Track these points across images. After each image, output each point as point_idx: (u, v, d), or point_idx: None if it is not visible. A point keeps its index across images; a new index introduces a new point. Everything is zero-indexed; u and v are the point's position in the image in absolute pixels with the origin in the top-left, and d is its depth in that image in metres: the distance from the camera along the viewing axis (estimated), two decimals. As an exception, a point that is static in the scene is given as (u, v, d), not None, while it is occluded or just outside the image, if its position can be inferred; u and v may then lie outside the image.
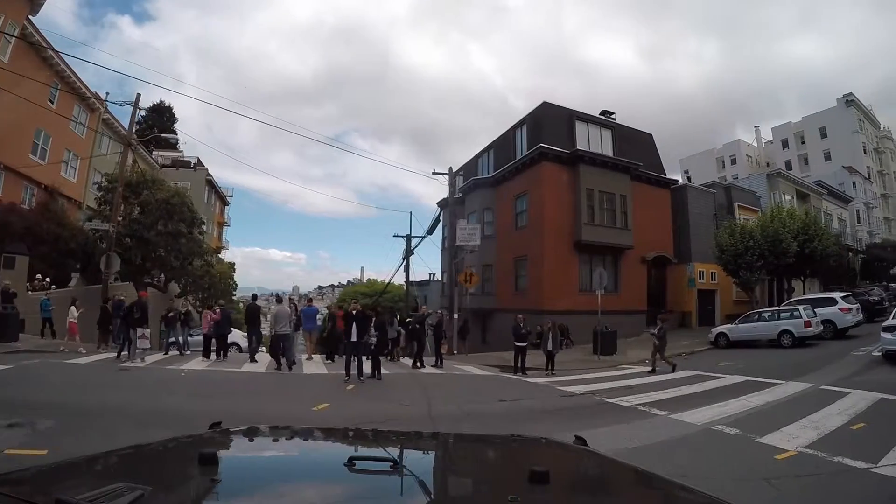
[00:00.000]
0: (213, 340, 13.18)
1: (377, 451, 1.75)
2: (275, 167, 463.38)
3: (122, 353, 11.84)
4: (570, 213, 19.95)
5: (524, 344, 12.54)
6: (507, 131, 23.45)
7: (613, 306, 18.42)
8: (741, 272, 21.97)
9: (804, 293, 25.94)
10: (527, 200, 21.02)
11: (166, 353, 13.62)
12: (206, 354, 12.96)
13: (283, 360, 11.38)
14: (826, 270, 26.28)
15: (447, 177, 18.39)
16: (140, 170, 22.31)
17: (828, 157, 52.50)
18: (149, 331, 12.24)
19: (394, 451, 1.73)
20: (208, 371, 11.25)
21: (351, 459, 1.29)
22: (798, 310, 17.50)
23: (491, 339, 22.33)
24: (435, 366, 13.56)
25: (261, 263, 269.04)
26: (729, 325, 19.10)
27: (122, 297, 16.26)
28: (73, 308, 14.92)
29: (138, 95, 18.19)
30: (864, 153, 51.69)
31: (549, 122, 20.99)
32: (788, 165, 49.73)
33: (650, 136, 24.76)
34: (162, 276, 23.25)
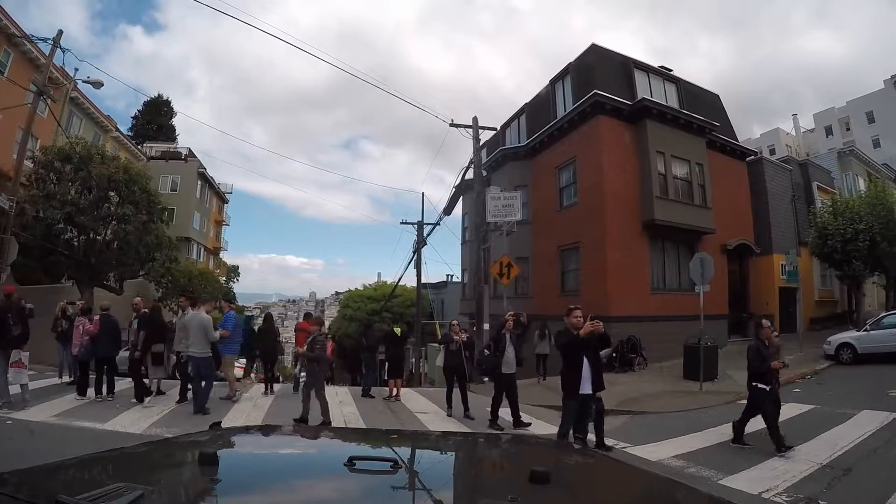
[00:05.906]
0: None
1: (377, 451, 1.68)
2: (288, 174, 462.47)
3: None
4: (635, 183, 14.89)
5: (770, 387, 6.24)
6: (544, 88, 18.45)
7: (689, 309, 12.99)
8: (850, 264, 16.97)
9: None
10: (575, 170, 15.99)
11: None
12: (82, 391, 8.14)
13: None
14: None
15: (471, 132, 13.49)
16: (80, 140, 17.67)
17: (877, 144, 47.99)
18: (27, 354, 7.46)
19: (394, 451, 1.64)
20: (41, 427, 6.34)
21: (351, 459, 1.23)
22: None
23: (527, 356, 17.41)
24: (450, 415, 8.12)
25: (278, 270, 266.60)
26: (854, 333, 14.26)
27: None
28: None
29: (59, 32, 13.86)
30: (918, 138, 46.89)
31: (601, 70, 16.01)
32: (834, 154, 45.06)
33: (717, 96, 19.88)
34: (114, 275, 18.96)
